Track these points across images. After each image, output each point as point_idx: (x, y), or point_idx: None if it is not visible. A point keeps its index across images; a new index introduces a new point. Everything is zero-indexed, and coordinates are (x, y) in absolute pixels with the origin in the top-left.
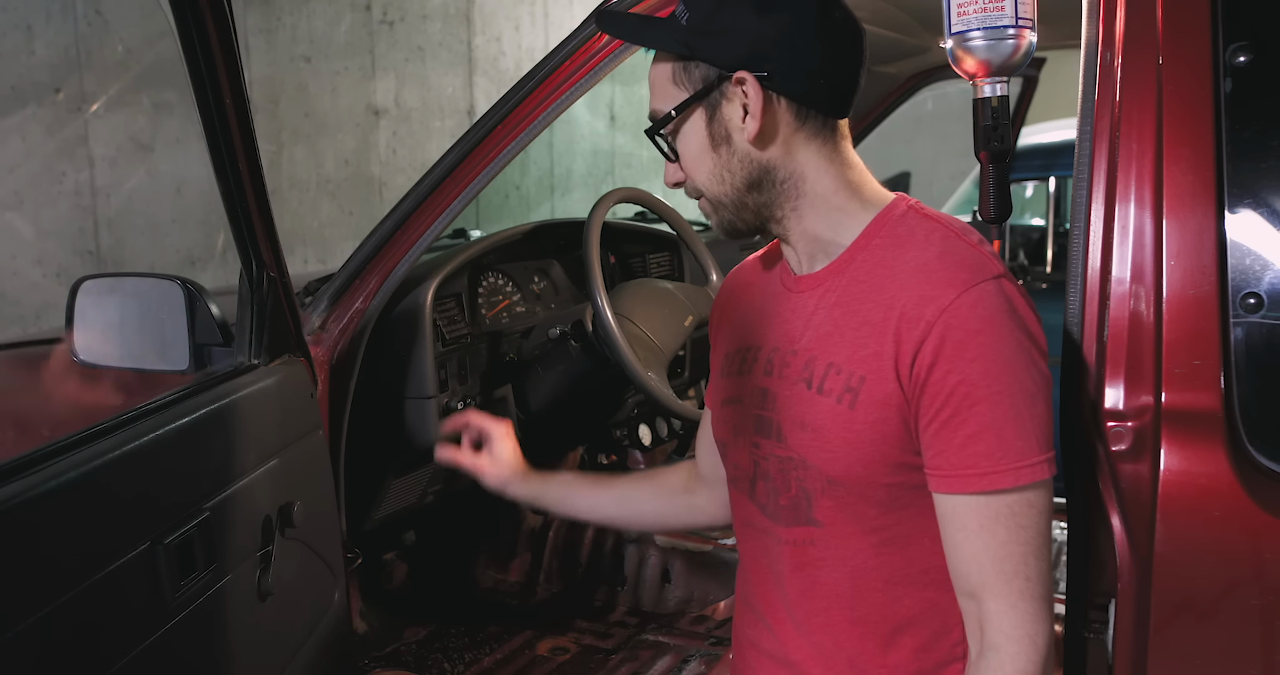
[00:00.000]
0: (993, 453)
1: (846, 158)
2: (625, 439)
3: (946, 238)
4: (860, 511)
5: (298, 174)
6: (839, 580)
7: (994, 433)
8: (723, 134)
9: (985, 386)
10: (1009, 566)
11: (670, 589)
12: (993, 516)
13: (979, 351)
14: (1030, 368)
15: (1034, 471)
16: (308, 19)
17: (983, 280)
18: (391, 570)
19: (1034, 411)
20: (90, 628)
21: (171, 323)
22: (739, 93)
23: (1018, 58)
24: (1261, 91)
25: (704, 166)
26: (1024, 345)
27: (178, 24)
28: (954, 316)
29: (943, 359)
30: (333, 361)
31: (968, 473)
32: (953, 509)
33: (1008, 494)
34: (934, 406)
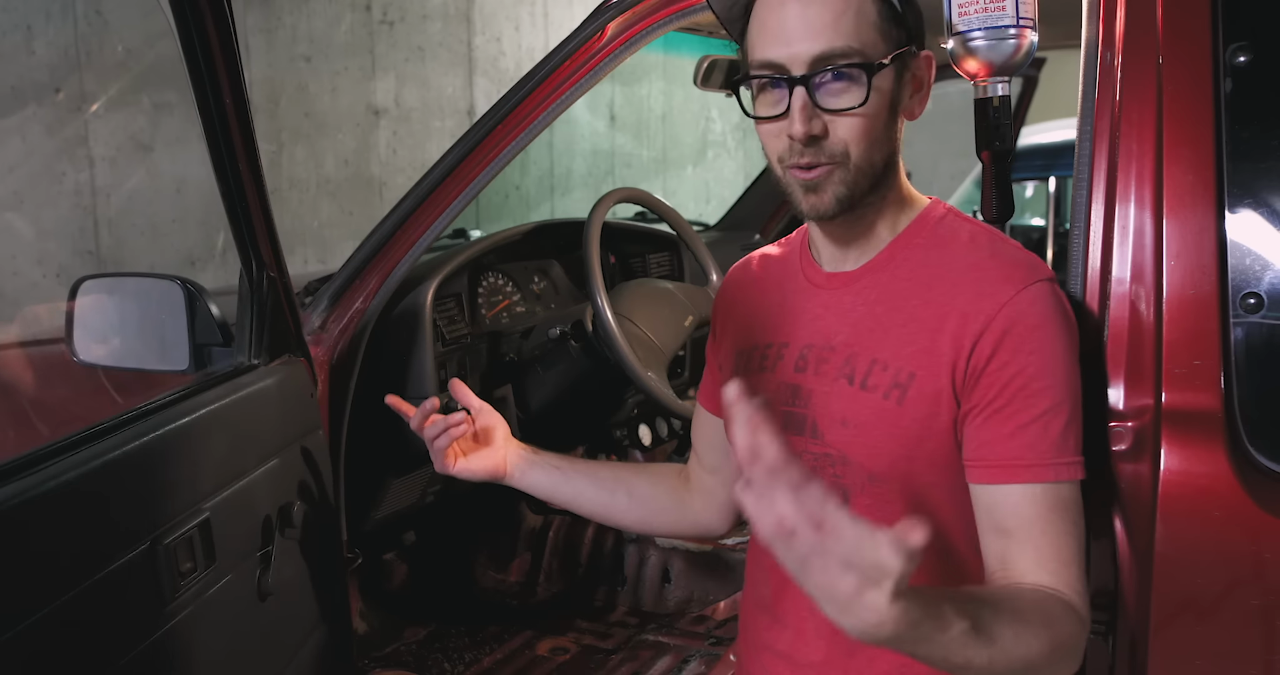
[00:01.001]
0: (1038, 445)
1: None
2: (625, 439)
3: (992, 239)
4: (892, 511)
5: (298, 174)
6: None
7: (1042, 425)
8: (902, 102)
9: (1041, 379)
10: (1065, 555)
11: (670, 589)
12: (1050, 508)
13: (1038, 345)
14: (1075, 369)
15: (1072, 469)
16: (308, 19)
17: (1040, 279)
18: (391, 570)
19: (1077, 412)
20: (90, 628)
21: (171, 323)
22: (921, 65)
23: (1019, 58)
24: (1261, 91)
25: (870, 129)
26: (1074, 346)
27: (178, 24)
28: (1015, 310)
29: (1003, 350)
30: (333, 361)
31: (1015, 463)
32: (1003, 498)
33: (1057, 487)
34: (988, 396)
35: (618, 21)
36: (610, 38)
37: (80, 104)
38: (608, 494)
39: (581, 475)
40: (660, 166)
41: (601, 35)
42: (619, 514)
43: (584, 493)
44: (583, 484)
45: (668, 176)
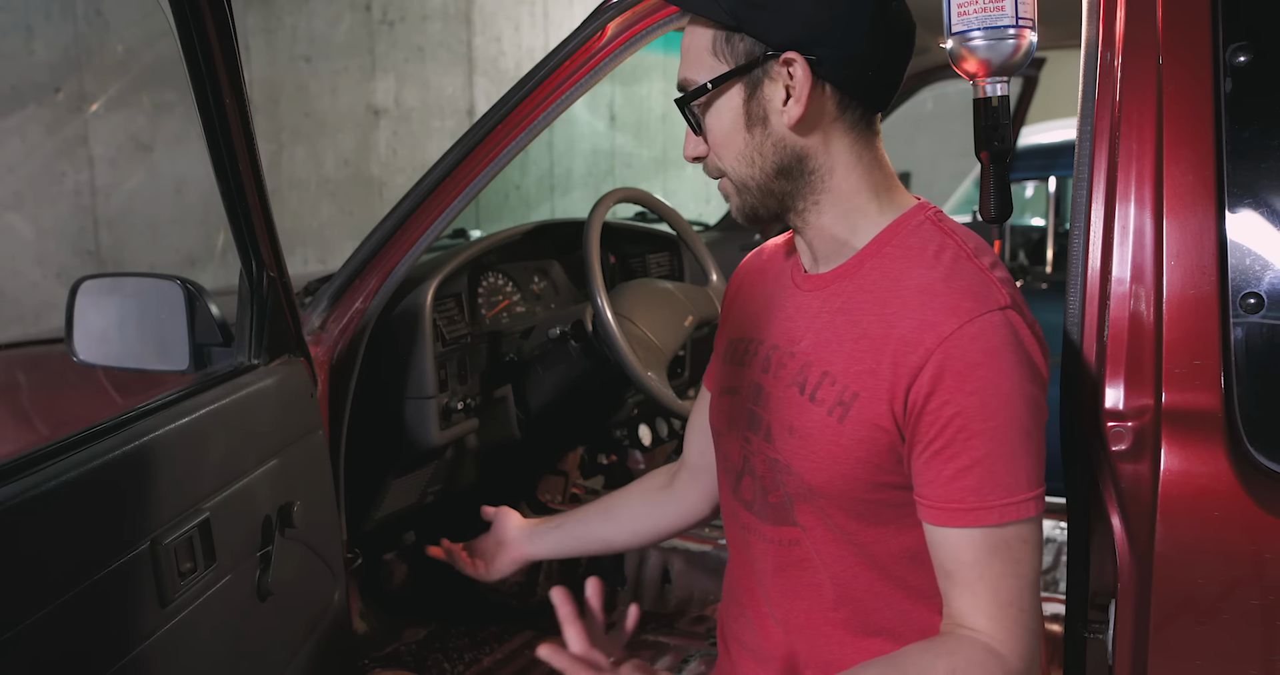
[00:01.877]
0: (980, 488)
1: (877, 156)
2: (625, 439)
3: (957, 258)
4: (840, 523)
5: (298, 174)
6: (821, 582)
7: (985, 468)
8: (760, 114)
9: (981, 421)
10: (1003, 596)
11: (670, 589)
12: (989, 550)
13: (977, 385)
14: (1028, 403)
15: (1020, 509)
16: (308, 19)
17: (987, 311)
18: (391, 570)
19: (1028, 448)
20: (90, 627)
21: (171, 323)
22: (784, 74)
23: (1018, 58)
24: (1261, 91)
25: (734, 146)
26: (1024, 380)
27: (178, 24)
28: (955, 347)
29: (941, 389)
30: (333, 361)
31: (955, 507)
32: (944, 540)
33: (1001, 529)
34: (928, 435)
35: (618, 21)
36: (610, 38)
37: (80, 104)
38: (597, 526)
39: (574, 522)
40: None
41: (601, 35)
42: (615, 539)
43: (584, 536)
44: (578, 529)
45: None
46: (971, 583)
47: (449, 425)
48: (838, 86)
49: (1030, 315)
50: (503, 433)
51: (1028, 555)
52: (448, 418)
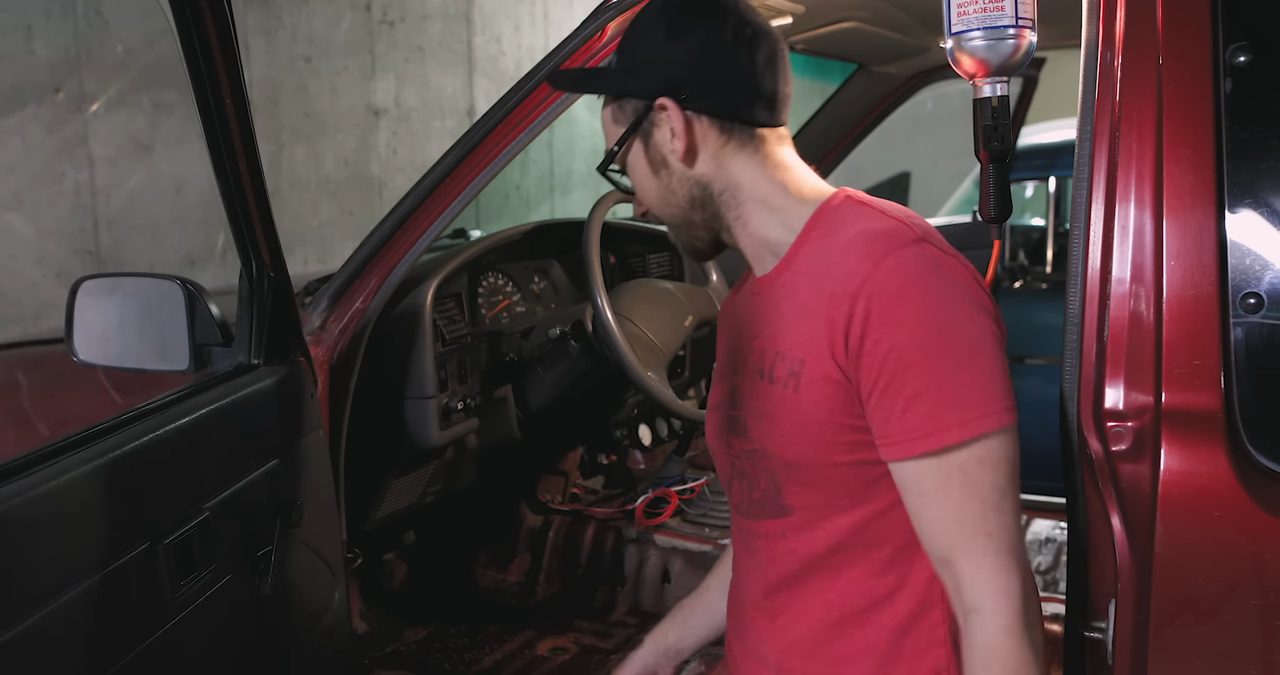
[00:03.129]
0: (934, 412)
1: (780, 160)
2: (625, 439)
3: (868, 214)
4: (828, 493)
5: (298, 174)
6: (811, 568)
7: (933, 393)
8: (659, 159)
9: (915, 349)
10: (969, 525)
11: (670, 589)
12: (945, 477)
13: (903, 316)
14: (963, 323)
15: (980, 424)
16: (308, 19)
17: (899, 246)
18: (391, 570)
19: (976, 364)
20: (90, 628)
21: (171, 323)
22: (665, 118)
23: (1018, 58)
24: (1261, 91)
25: (651, 192)
26: (952, 301)
27: (178, 24)
28: (874, 285)
29: (871, 329)
30: (333, 361)
31: (913, 435)
32: (907, 476)
33: (957, 452)
34: (871, 377)
35: (618, 21)
36: (610, 38)
37: (80, 104)
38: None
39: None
40: None
41: (601, 35)
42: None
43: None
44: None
45: None
46: (937, 517)
47: (449, 425)
48: (712, 114)
49: (952, 250)
50: (503, 433)
51: (988, 476)
52: (448, 418)
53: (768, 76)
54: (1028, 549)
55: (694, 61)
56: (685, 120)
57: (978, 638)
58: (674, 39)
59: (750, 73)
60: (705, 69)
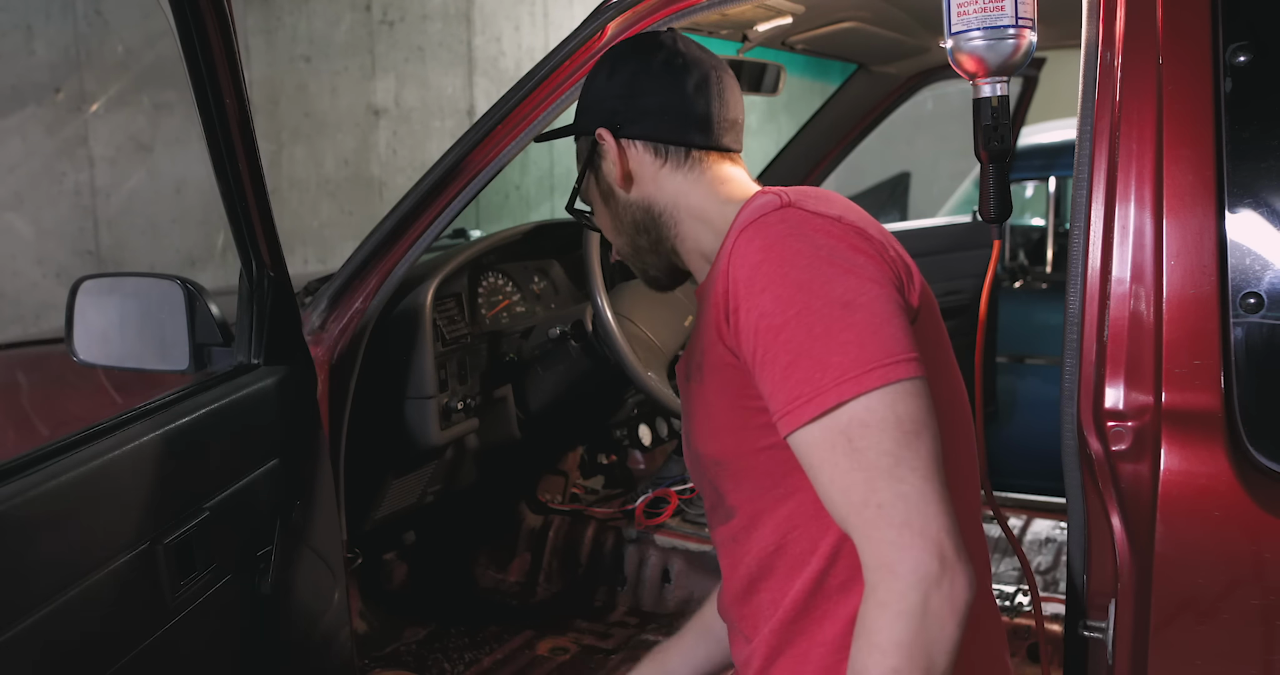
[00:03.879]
0: (810, 376)
1: (718, 176)
2: (625, 439)
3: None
4: (757, 485)
5: (298, 174)
6: (765, 572)
7: (807, 356)
8: (607, 189)
9: (780, 314)
10: (856, 496)
11: (670, 589)
12: (830, 445)
13: (765, 281)
14: (832, 280)
15: (860, 382)
16: (308, 19)
17: (761, 215)
18: (391, 570)
19: (850, 321)
20: (90, 628)
21: (171, 323)
22: (607, 149)
23: (1018, 57)
24: (1261, 91)
25: (605, 222)
26: (817, 260)
27: (178, 24)
28: (738, 256)
29: (740, 300)
30: (333, 361)
31: (793, 403)
32: (798, 449)
33: (836, 414)
34: (749, 349)
35: (618, 21)
36: (610, 38)
37: (80, 104)
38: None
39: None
40: None
41: (601, 35)
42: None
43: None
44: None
45: None
46: (828, 490)
47: (449, 425)
48: (645, 139)
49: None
50: (503, 433)
51: (873, 439)
52: (448, 418)
53: (699, 101)
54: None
55: (626, 93)
56: (619, 147)
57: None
58: (612, 76)
59: (679, 97)
60: (635, 97)
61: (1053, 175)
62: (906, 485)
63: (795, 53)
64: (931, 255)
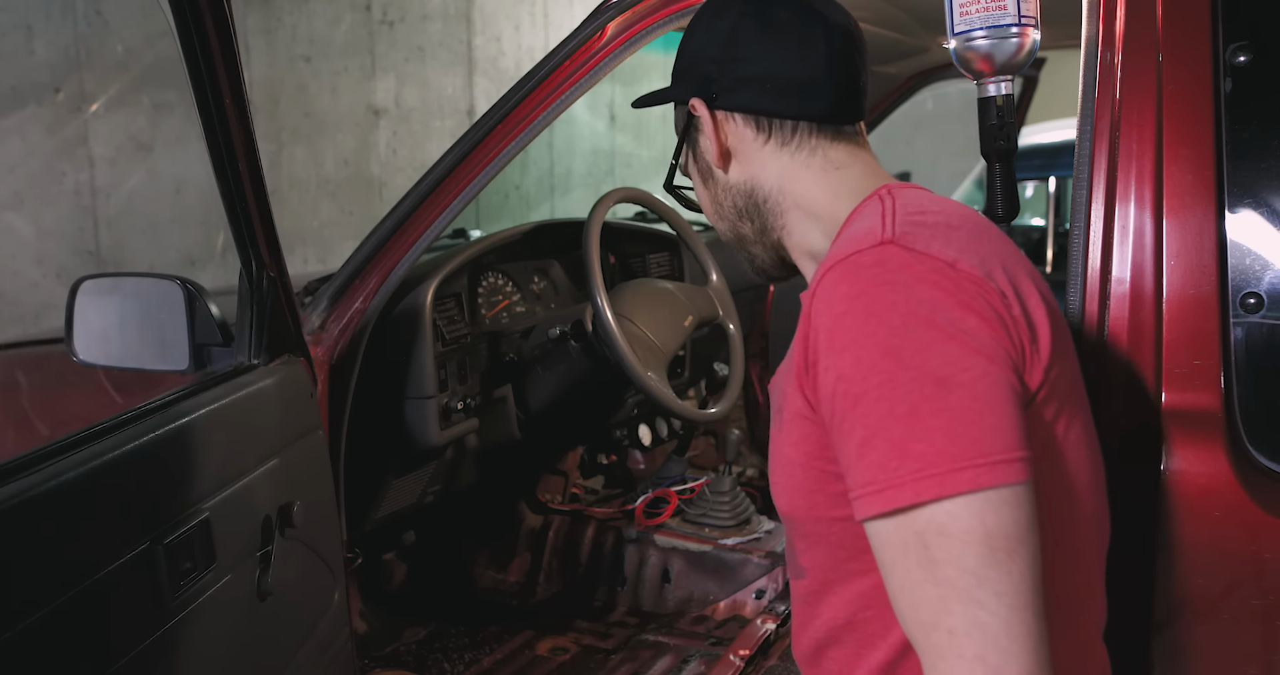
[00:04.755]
0: (887, 463)
1: (833, 159)
2: (625, 439)
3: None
4: (830, 554)
5: (298, 174)
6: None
7: (884, 437)
8: (705, 167)
9: (860, 381)
10: (925, 614)
11: (670, 589)
12: (902, 548)
13: (847, 339)
14: (929, 348)
15: (943, 482)
16: (308, 19)
17: (855, 252)
18: (391, 570)
19: (943, 403)
20: (90, 628)
21: (171, 323)
22: (703, 122)
23: (1021, 56)
24: (1261, 91)
25: (706, 205)
26: (911, 320)
27: (178, 24)
28: (821, 301)
29: (820, 354)
30: (333, 361)
31: (866, 488)
32: (871, 539)
33: (914, 516)
34: (827, 412)
35: (618, 21)
36: (610, 38)
37: (80, 104)
38: None
39: None
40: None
41: (601, 35)
42: None
43: None
44: None
45: None
46: (897, 596)
47: (449, 425)
48: (745, 111)
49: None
50: (503, 433)
51: (954, 553)
52: (448, 418)
53: (812, 64)
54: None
55: (724, 54)
56: (714, 121)
57: None
58: (712, 28)
59: (783, 60)
60: (733, 60)
61: (1053, 175)
62: (987, 613)
63: None
64: None
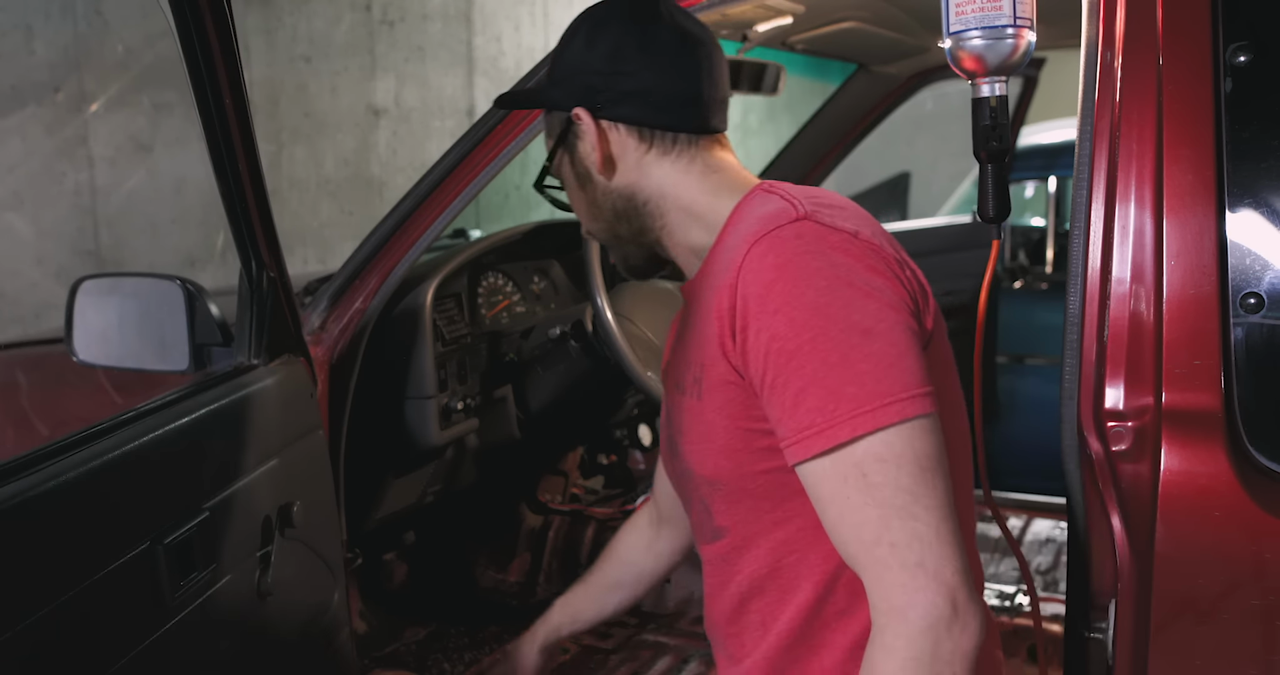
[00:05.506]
0: (824, 406)
1: (709, 164)
2: (625, 439)
3: (766, 200)
4: (753, 507)
5: (298, 174)
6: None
7: (819, 385)
8: (584, 172)
9: (793, 337)
10: (868, 534)
11: (670, 589)
12: (841, 479)
13: (780, 301)
14: (850, 305)
15: (876, 416)
16: (308, 19)
17: (776, 227)
18: (391, 570)
19: (868, 350)
20: (90, 628)
21: (171, 323)
22: (584, 131)
23: (1016, 57)
24: (1261, 91)
25: (580, 207)
26: (833, 282)
27: (178, 24)
28: (749, 272)
29: (750, 319)
30: (333, 361)
31: (804, 433)
32: (806, 479)
33: (851, 448)
34: (759, 372)
35: None
36: None
37: (80, 104)
38: (615, 598)
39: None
40: None
41: None
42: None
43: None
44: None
45: None
46: (836, 525)
47: (449, 425)
48: (629, 122)
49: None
50: (503, 433)
51: (889, 476)
52: (448, 418)
53: (689, 80)
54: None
55: (609, 69)
56: (599, 130)
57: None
58: (591, 47)
59: (664, 77)
60: (618, 74)
61: (1053, 175)
62: (921, 524)
63: (795, 53)
64: (931, 255)
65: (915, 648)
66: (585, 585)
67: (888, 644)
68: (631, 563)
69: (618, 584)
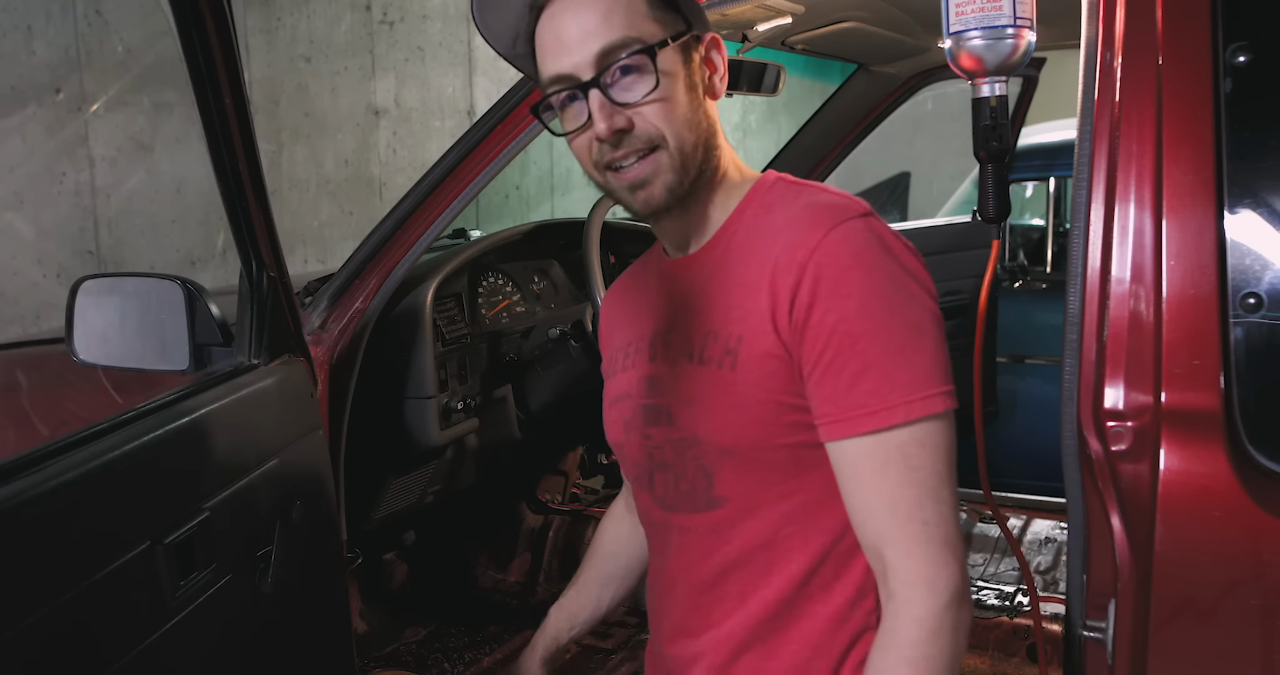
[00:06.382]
0: (880, 389)
1: None
2: None
3: (812, 191)
4: (764, 479)
5: (298, 174)
6: (746, 562)
7: (879, 369)
8: (697, 82)
9: (863, 322)
10: (902, 511)
11: None
12: (884, 459)
13: (853, 287)
14: (910, 301)
15: (925, 405)
16: (308, 19)
17: (848, 218)
18: (391, 570)
19: (920, 344)
20: (90, 628)
21: (171, 323)
22: (702, 51)
23: (1016, 57)
24: (1261, 91)
25: (680, 111)
26: (899, 279)
27: (178, 24)
28: (824, 255)
29: (819, 299)
30: (333, 361)
31: (857, 412)
32: (844, 456)
33: (898, 431)
34: (816, 350)
35: None
36: None
37: (80, 104)
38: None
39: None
40: None
41: None
42: (627, 591)
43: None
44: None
45: None
46: (871, 502)
47: (449, 425)
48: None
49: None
50: (503, 433)
51: (927, 460)
52: (448, 418)
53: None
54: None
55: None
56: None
57: (888, 622)
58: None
59: None
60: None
61: (1053, 175)
62: (947, 506)
63: (795, 53)
64: (931, 255)
65: (942, 619)
66: (576, 587)
67: (916, 615)
68: (617, 554)
69: (609, 578)
